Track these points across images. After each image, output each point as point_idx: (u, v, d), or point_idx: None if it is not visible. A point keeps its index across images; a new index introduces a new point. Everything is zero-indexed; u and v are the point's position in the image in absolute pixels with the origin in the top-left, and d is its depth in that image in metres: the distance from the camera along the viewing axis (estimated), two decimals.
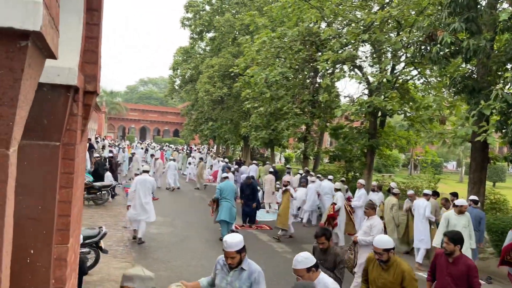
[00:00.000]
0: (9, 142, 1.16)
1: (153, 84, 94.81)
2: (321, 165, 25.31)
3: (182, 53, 34.31)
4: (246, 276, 3.45)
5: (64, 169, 2.30)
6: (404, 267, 4.08)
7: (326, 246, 4.68)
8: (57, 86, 2.11)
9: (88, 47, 2.45)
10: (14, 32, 1.09)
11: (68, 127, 2.31)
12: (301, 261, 3.45)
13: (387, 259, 4.10)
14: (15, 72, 1.13)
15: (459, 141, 10.31)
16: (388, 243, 4.11)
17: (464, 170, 36.49)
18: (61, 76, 2.09)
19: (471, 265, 4.26)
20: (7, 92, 1.13)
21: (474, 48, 8.46)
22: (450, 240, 4.29)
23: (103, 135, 49.49)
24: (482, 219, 8.29)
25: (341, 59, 14.44)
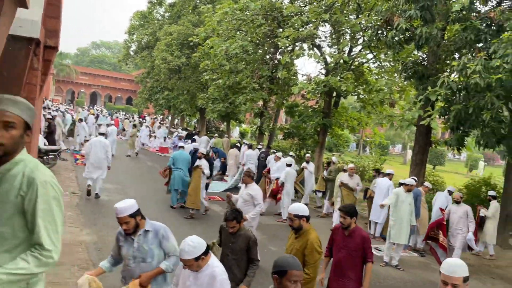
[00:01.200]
0: None
1: (107, 48, 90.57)
2: (275, 142, 25.78)
3: (139, 18, 32.95)
4: (152, 236, 3.34)
5: None
6: (310, 236, 3.99)
7: (236, 229, 4.34)
8: (19, 38, 2.06)
9: (51, 0, 2.39)
10: None
11: (28, 81, 2.27)
12: (189, 251, 3.00)
13: (298, 226, 4.03)
14: None
15: (405, 124, 10.91)
16: (300, 210, 4.04)
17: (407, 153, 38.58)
18: (23, 28, 2.04)
19: (365, 236, 4.34)
20: None
21: (426, 36, 8.90)
22: (346, 214, 4.27)
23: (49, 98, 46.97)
24: (419, 196, 8.95)
25: (302, 37, 14.62)
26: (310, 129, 18.15)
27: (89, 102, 60.19)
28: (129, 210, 3.29)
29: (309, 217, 4.11)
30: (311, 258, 3.95)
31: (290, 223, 4.09)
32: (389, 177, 10.18)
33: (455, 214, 8.40)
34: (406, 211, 7.85)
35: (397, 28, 9.21)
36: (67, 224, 7.81)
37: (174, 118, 36.56)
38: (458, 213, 8.36)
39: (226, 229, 4.42)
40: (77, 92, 61.30)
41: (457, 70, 8.06)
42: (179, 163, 10.02)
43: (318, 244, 3.99)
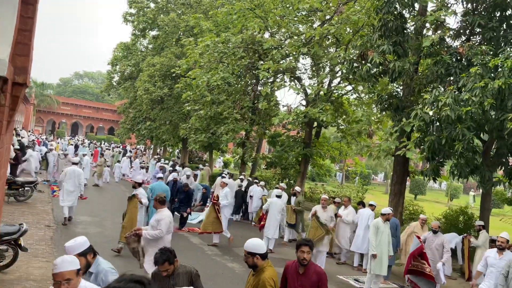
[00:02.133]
0: None
1: (89, 78, 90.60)
2: (258, 171, 25.80)
3: (122, 49, 33.24)
4: (93, 279, 3.20)
5: None
6: (264, 274, 3.71)
7: (171, 270, 3.89)
8: None
9: (20, 39, 2.43)
10: None
11: None
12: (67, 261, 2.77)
13: (252, 264, 3.79)
14: None
15: (383, 154, 11.13)
16: (254, 247, 3.77)
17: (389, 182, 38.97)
18: None
19: (321, 272, 4.00)
20: None
21: (399, 70, 9.25)
22: (311, 248, 3.97)
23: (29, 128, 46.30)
24: (398, 226, 9.02)
25: (282, 69, 14.96)
26: (292, 159, 18.29)
27: (70, 132, 59.50)
28: (78, 249, 3.21)
29: (265, 255, 3.81)
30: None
31: (244, 259, 3.86)
32: (371, 208, 10.24)
33: (432, 244, 8.21)
34: (385, 241, 7.88)
35: (371, 62, 9.55)
36: (39, 258, 7.58)
37: (156, 148, 36.34)
38: (434, 243, 8.17)
39: (159, 274, 3.92)
40: (58, 123, 60.65)
41: (429, 102, 8.36)
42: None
43: (271, 283, 3.67)
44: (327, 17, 15.69)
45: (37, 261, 7.41)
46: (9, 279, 6.37)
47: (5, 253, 6.41)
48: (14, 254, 6.60)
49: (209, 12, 21.71)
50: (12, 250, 6.57)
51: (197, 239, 10.91)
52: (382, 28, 9.61)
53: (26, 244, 7.01)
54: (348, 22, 13.47)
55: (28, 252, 7.06)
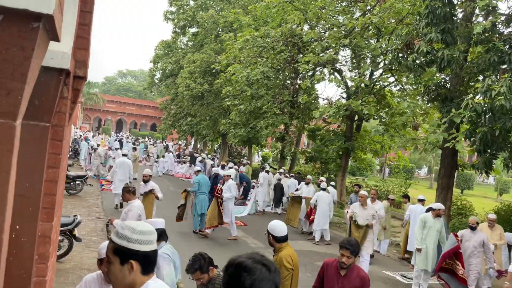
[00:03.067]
0: (17, 114, 1.26)
1: (132, 76, 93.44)
2: (297, 166, 25.67)
3: (163, 47, 34.01)
4: None
5: (52, 150, 2.38)
6: (281, 252, 3.84)
7: (206, 279, 3.64)
8: (50, 69, 2.18)
9: (80, 33, 2.53)
10: (28, 13, 1.18)
11: (58, 109, 2.39)
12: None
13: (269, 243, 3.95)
14: (26, 50, 1.23)
15: (430, 147, 10.73)
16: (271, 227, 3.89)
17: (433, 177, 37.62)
18: (55, 60, 2.17)
19: (365, 277, 3.78)
20: (18, 68, 1.23)
21: (448, 59, 8.85)
22: (352, 253, 3.70)
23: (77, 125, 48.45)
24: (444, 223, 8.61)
25: (322, 62, 14.75)
26: (332, 153, 18.05)
27: (115, 128, 61.77)
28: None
29: (281, 238, 3.86)
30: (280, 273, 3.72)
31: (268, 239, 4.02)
32: (422, 203, 9.92)
33: (468, 242, 7.27)
34: (433, 237, 7.57)
35: (418, 51, 9.20)
36: (92, 248, 7.93)
37: (197, 143, 37.02)
38: (472, 241, 7.23)
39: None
40: (104, 120, 63.13)
41: (481, 92, 7.95)
42: (203, 186, 10.16)
43: (288, 260, 3.75)
44: (368, 7, 15.30)
45: (89, 251, 7.76)
46: (65, 268, 6.72)
47: (61, 243, 6.75)
48: (69, 244, 6.94)
49: (247, 7, 21.74)
50: (67, 241, 6.91)
51: (241, 232, 11.02)
52: (429, 15, 9.22)
53: (80, 234, 7.35)
54: (391, 11, 13.05)
55: (82, 243, 7.42)
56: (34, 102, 2.20)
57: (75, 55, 2.48)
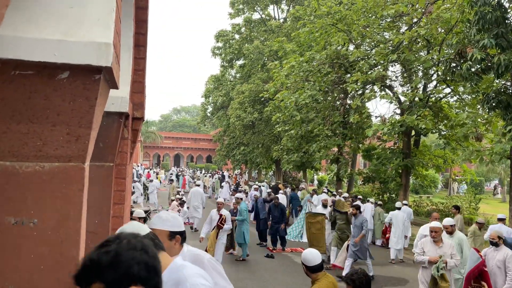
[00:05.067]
0: (85, 157, 1.41)
1: (186, 112, 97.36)
2: (355, 187, 25.00)
3: (213, 81, 35.31)
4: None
5: (117, 187, 2.57)
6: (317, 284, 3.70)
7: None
8: (111, 113, 2.40)
9: (136, 78, 2.76)
10: (91, 68, 1.35)
11: (120, 149, 2.59)
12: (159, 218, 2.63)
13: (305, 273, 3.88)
14: (90, 100, 1.39)
15: (497, 158, 10.06)
16: (304, 257, 3.80)
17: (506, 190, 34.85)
18: (115, 105, 2.38)
19: None
20: (84, 116, 1.39)
21: (506, 63, 8.39)
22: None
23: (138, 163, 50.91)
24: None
25: (371, 79, 14.53)
26: (391, 172, 17.42)
27: (173, 163, 64.15)
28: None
29: (315, 268, 3.70)
30: None
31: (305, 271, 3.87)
32: (503, 222, 9.34)
33: (491, 260, 6.13)
34: None
35: (471, 59, 8.82)
36: None
37: (251, 172, 37.38)
38: (495, 259, 6.07)
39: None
40: (162, 155, 65.90)
41: None
42: (246, 215, 10.63)
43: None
44: (415, 20, 14.97)
45: None
46: None
47: None
48: None
49: (291, 34, 22.13)
50: None
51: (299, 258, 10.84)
52: (479, 21, 8.86)
53: None
54: (439, 21, 12.69)
55: None
56: (99, 144, 2.41)
57: (132, 99, 2.70)
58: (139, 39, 2.75)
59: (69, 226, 1.37)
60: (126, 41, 2.55)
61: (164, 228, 2.32)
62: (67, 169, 1.38)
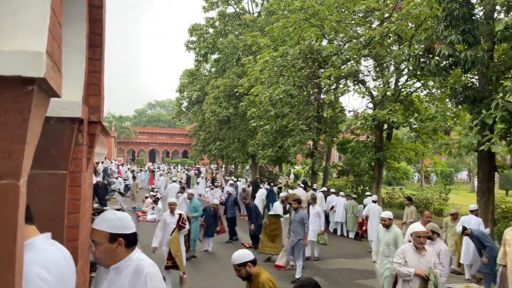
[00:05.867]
0: (19, 174, 1.31)
1: (161, 107, 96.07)
2: (330, 180, 25.28)
3: (188, 76, 34.89)
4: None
5: (71, 196, 2.45)
6: (262, 277, 3.64)
7: None
8: (63, 119, 2.28)
9: (91, 80, 2.64)
10: (21, 79, 1.25)
11: (74, 156, 2.47)
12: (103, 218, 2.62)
13: (246, 274, 3.69)
14: (23, 113, 1.29)
15: (464, 151, 10.32)
16: (243, 257, 3.70)
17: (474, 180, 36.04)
18: (66, 110, 2.27)
19: None
20: (16, 131, 1.28)
21: (472, 59, 8.58)
22: None
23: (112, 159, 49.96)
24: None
25: (344, 74, 14.64)
26: (364, 165, 17.69)
27: (148, 159, 63.27)
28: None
29: (255, 260, 3.77)
30: None
31: (237, 274, 3.74)
32: (475, 213, 9.63)
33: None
34: None
35: (439, 55, 8.99)
36: None
37: (228, 166, 37.29)
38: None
39: None
40: (137, 151, 64.88)
41: (510, 90, 7.63)
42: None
43: (270, 284, 3.60)
44: (386, 15, 15.15)
45: None
46: None
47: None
48: None
49: (265, 28, 22.05)
50: None
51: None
52: (447, 17, 9.01)
53: None
54: (409, 17, 12.86)
55: None
56: (50, 151, 2.29)
57: (88, 102, 2.59)
58: (95, 39, 2.63)
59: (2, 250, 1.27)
60: (79, 42, 2.43)
61: (103, 229, 2.17)
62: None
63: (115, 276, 2.20)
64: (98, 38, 2.66)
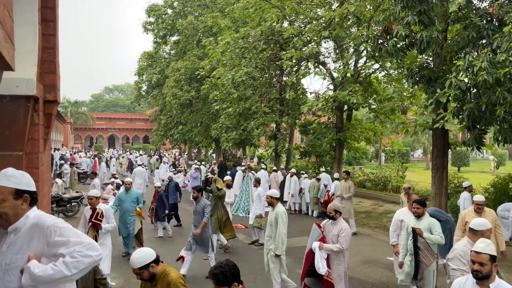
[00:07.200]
0: None
1: (119, 91, 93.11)
2: (293, 162, 25.68)
3: (146, 58, 33.94)
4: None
5: None
6: (171, 276, 3.33)
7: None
8: (17, 97, 2.14)
9: (45, 57, 2.49)
10: None
11: (30, 136, 2.35)
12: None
13: (150, 276, 3.32)
14: None
15: (420, 129, 10.73)
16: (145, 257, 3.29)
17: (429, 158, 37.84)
18: (20, 87, 2.13)
19: None
20: None
21: (427, 40, 8.86)
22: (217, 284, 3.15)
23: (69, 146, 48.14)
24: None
25: (305, 56, 14.74)
26: (325, 146, 18.06)
27: (107, 145, 61.46)
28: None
29: (158, 258, 3.38)
30: None
31: (138, 278, 3.36)
32: (468, 189, 10.38)
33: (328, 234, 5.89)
34: None
35: (396, 36, 9.21)
36: None
37: (190, 151, 36.93)
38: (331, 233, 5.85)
39: None
40: (95, 137, 62.81)
41: (463, 69, 7.96)
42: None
43: (182, 282, 3.33)
44: None
45: None
46: None
47: None
48: None
49: (225, 9, 21.72)
50: None
51: (241, 234, 10.99)
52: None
53: None
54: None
55: None
56: (4, 132, 2.16)
57: (43, 80, 2.44)
58: (47, 13, 2.47)
59: None
60: (29, 16, 2.28)
61: (8, 185, 2.09)
62: None
63: (14, 238, 2.15)
64: (51, 12, 2.50)
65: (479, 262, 3.09)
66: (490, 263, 3.09)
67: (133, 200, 8.91)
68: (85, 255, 2.14)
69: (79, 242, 2.18)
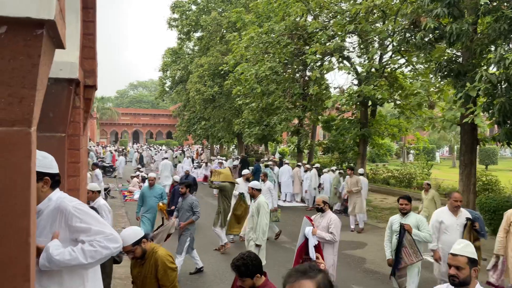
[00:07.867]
0: (31, 121, 1.30)
1: (143, 87, 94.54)
2: (315, 158, 25.55)
3: (170, 54, 34.32)
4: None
5: (71, 159, 2.44)
6: (159, 253, 3.38)
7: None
8: (60, 80, 2.24)
9: (86, 43, 2.58)
10: (31, 21, 1.22)
11: (72, 119, 2.45)
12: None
13: (141, 253, 3.35)
14: (32, 58, 1.27)
15: (448, 125, 10.52)
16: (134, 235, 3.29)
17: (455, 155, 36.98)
18: (64, 71, 2.22)
19: None
20: (27, 76, 1.27)
21: (457, 32, 8.66)
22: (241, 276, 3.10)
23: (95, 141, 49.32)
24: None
25: (329, 50, 14.63)
26: (349, 142, 17.88)
27: (132, 140, 62.63)
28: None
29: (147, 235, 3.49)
30: (166, 279, 3.35)
31: (131, 256, 3.40)
32: None
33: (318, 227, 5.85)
34: None
35: (425, 29, 9.04)
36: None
37: (213, 146, 37.22)
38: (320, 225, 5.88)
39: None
40: (120, 133, 64.07)
41: (494, 62, 7.77)
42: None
43: (170, 259, 3.38)
44: None
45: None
46: None
47: None
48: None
49: (249, 4, 21.75)
50: None
51: None
52: None
53: None
54: None
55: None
56: (49, 114, 2.26)
57: (83, 65, 2.54)
58: (87, 1, 2.56)
59: (16, 196, 1.27)
60: (71, 3, 2.37)
61: None
62: (11, 134, 1.26)
63: (37, 220, 2.10)
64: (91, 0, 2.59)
65: (455, 266, 2.77)
66: (469, 267, 2.75)
67: (156, 196, 8.77)
68: (104, 246, 2.15)
69: (101, 231, 2.18)
